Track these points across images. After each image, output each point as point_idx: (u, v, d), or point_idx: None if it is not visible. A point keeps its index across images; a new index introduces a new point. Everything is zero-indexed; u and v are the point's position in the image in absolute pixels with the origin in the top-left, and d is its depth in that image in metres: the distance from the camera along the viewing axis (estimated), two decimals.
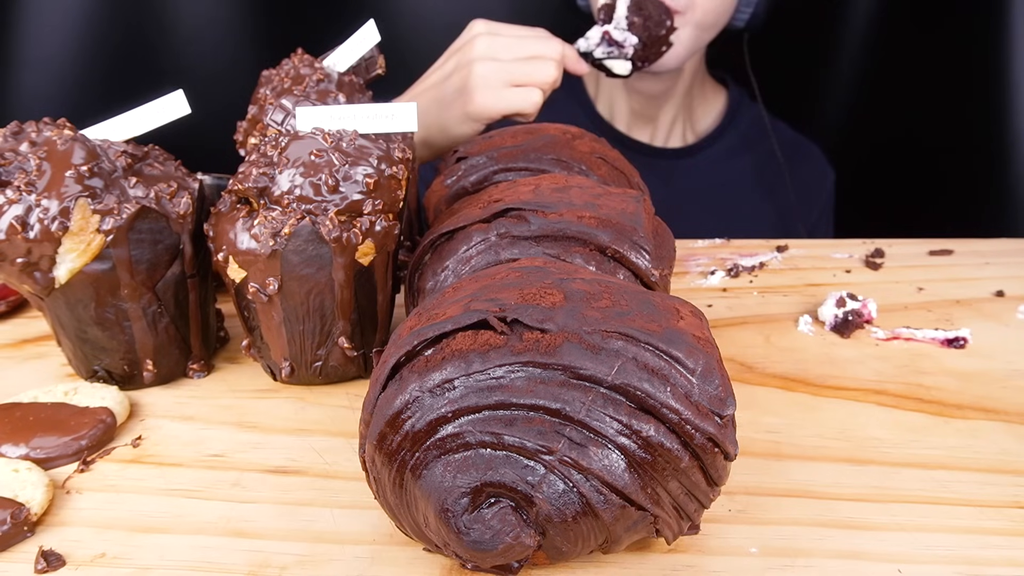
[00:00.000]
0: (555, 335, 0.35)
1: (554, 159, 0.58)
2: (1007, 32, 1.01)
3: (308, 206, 0.49)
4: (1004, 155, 1.04)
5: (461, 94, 0.75)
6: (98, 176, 0.50)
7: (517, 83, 0.75)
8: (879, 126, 1.24)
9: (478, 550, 0.35)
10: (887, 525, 0.43)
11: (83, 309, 0.52)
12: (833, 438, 0.51)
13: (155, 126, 0.54)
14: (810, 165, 1.10)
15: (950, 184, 1.15)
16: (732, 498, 0.45)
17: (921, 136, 1.18)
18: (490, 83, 0.74)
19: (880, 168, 1.25)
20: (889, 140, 1.23)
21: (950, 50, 1.12)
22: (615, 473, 0.34)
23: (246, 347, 0.57)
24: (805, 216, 1.06)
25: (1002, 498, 0.45)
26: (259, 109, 0.57)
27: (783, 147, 1.03)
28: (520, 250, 0.48)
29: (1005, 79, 1.02)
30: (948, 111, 1.13)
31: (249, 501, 0.45)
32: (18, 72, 1.04)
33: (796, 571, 0.40)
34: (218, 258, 0.52)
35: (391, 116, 0.52)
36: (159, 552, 0.41)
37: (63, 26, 1.03)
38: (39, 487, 0.44)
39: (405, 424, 0.35)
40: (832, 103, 1.27)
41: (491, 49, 0.75)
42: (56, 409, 0.50)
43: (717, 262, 0.79)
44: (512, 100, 0.75)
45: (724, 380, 0.35)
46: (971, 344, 0.63)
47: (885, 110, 1.23)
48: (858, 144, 1.25)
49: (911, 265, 0.79)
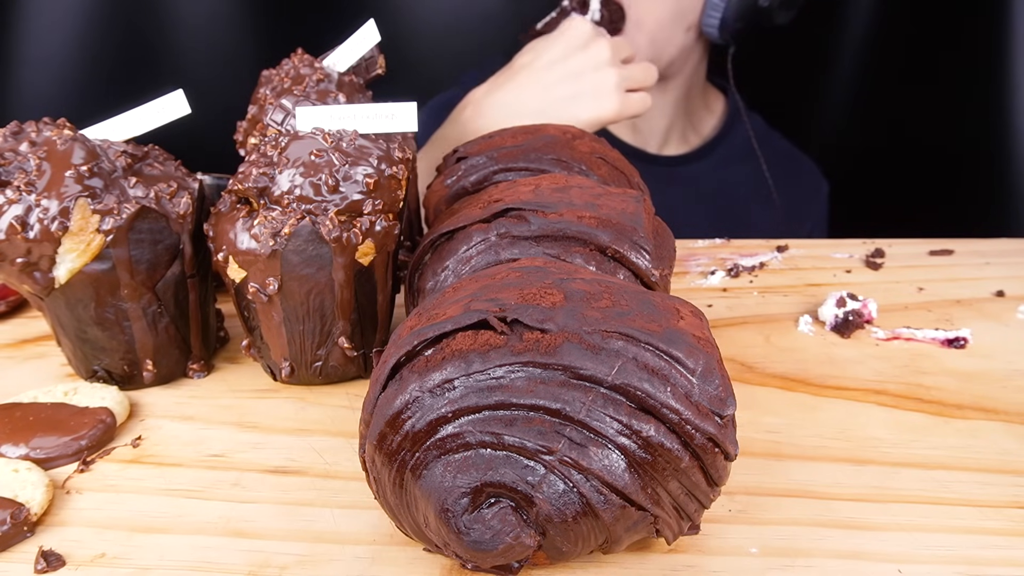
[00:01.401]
0: (555, 335, 0.35)
1: (554, 159, 0.58)
2: (1007, 32, 1.01)
3: (308, 206, 0.49)
4: (1004, 155, 1.04)
5: (593, 98, 0.76)
6: (98, 176, 0.50)
7: (633, 88, 0.78)
8: (879, 126, 1.24)
9: (478, 550, 0.35)
10: (887, 525, 0.43)
11: (83, 309, 0.52)
12: (833, 438, 0.51)
13: (155, 126, 0.54)
14: (805, 178, 1.10)
15: (950, 184, 1.15)
16: (732, 498, 0.45)
17: (921, 136, 1.18)
18: (620, 89, 0.77)
19: (880, 168, 1.25)
20: (889, 140, 1.23)
21: (950, 50, 1.12)
22: (615, 473, 0.34)
23: (246, 347, 0.57)
24: (798, 228, 1.07)
25: (1002, 498, 0.45)
26: (259, 109, 0.57)
27: (778, 158, 1.03)
28: (520, 250, 0.48)
29: (1005, 79, 1.02)
30: (948, 111, 1.13)
31: (249, 501, 0.45)
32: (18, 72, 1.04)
33: (796, 571, 0.40)
34: (218, 258, 0.52)
35: (391, 116, 0.52)
36: (159, 552, 0.41)
37: (63, 25, 1.03)
38: (39, 487, 0.44)
39: (405, 424, 0.35)
40: (832, 103, 1.27)
41: (614, 55, 0.78)
42: (56, 409, 0.50)
43: (717, 262, 0.79)
44: (634, 105, 0.78)
45: (724, 380, 0.35)
46: (971, 344, 0.63)
47: (885, 110, 1.23)
48: (858, 144, 1.25)
49: (911, 265, 0.79)
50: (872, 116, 1.24)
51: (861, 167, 1.25)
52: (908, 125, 1.19)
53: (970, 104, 1.09)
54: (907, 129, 1.20)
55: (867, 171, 1.25)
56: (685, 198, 1.04)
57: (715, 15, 0.94)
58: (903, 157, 1.21)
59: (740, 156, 1.07)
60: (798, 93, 1.21)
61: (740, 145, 1.08)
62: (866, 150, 1.25)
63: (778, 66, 1.18)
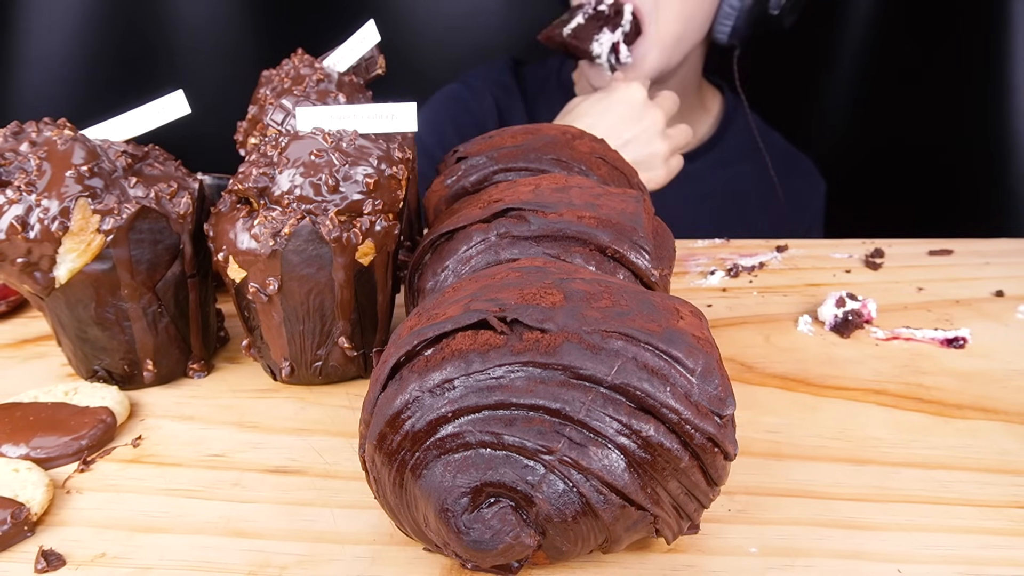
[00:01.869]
0: (555, 335, 0.35)
1: (554, 159, 0.58)
2: (1007, 32, 1.01)
3: (308, 206, 0.49)
4: (1004, 155, 1.04)
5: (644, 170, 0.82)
6: (98, 176, 0.50)
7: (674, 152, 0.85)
8: (879, 126, 1.24)
9: (478, 550, 0.35)
10: (887, 525, 0.43)
11: (83, 309, 0.52)
12: (833, 438, 0.51)
13: (155, 126, 0.54)
14: (803, 177, 1.11)
15: (950, 184, 1.15)
16: (732, 498, 0.45)
17: (921, 136, 1.18)
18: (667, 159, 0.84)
19: (880, 168, 1.25)
20: (889, 140, 1.23)
21: (950, 50, 1.12)
22: (615, 473, 0.34)
23: (246, 347, 0.57)
24: (795, 227, 1.07)
25: (1002, 498, 0.45)
26: (259, 109, 0.57)
27: (776, 158, 1.04)
28: (520, 250, 0.48)
29: (1005, 79, 1.02)
30: (948, 112, 1.13)
31: (249, 501, 0.45)
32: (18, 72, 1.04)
33: (796, 571, 0.40)
34: (218, 258, 0.52)
35: (391, 116, 0.52)
36: (159, 552, 0.41)
37: (63, 26, 1.03)
38: (39, 487, 0.44)
39: (405, 424, 0.35)
40: (832, 104, 1.27)
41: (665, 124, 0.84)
42: (56, 409, 0.50)
43: (717, 262, 0.79)
44: (676, 170, 0.86)
45: (724, 380, 0.35)
46: (971, 344, 0.63)
47: (885, 110, 1.23)
48: (858, 144, 1.25)
49: (911, 265, 0.79)
50: (872, 116, 1.24)
51: (861, 167, 1.25)
52: (908, 125, 1.19)
53: (969, 105, 1.09)
54: (907, 129, 1.20)
55: (867, 171, 1.25)
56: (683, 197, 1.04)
57: (727, 23, 0.96)
58: (903, 157, 1.21)
59: (738, 155, 1.07)
60: (798, 94, 1.21)
61: (737, 144, 1.07)
62: (866, 150, 1.25)
63: (778, 67, 1.18)
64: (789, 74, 1.22)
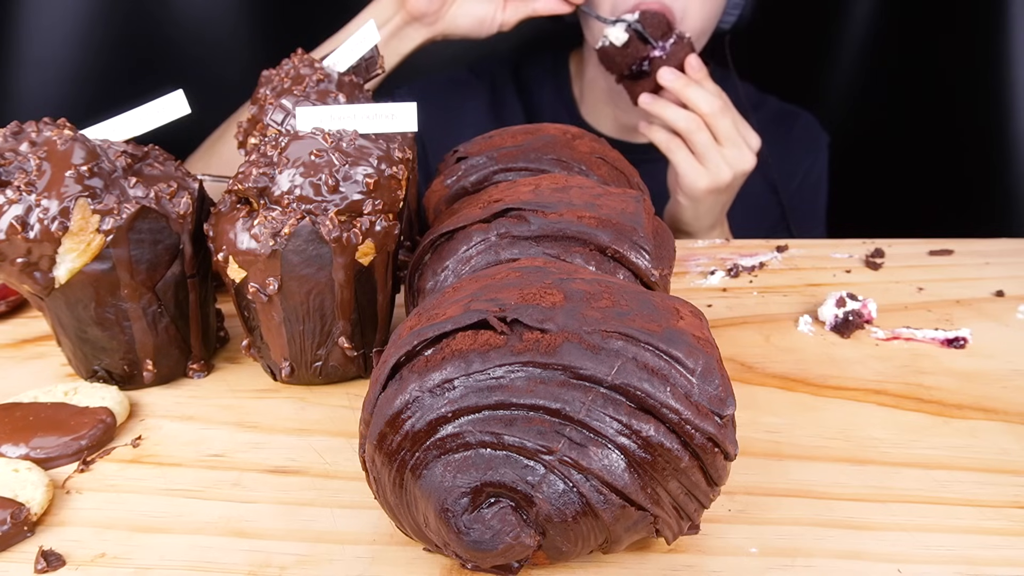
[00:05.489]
0: (555, 335, 0.35)
1: (554, 159, 0.58)
2: (1007, 32, 1.01)
3: (308, 206, 0.49)
4: (1004, 155, 1.04)
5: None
6: (98, 176, 0.50)
7: None
8: (879, 126, 1.24)
9: (478, 550, 0.35)
10: (887, 525, 0.43)
11: (83, 309, 0.52)
12: (833, 438, 0.51)
13: (155, 126, 0.54)
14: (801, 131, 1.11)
15: (950, 184, 1.15)
16: (732, 498, 0.45)
17: (921, 136, 1.18)
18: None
19: (880, 168, 1.25)
20: (889, 140, 1.23)
21: (950, 50, 1.12)
22: (615, 473, 0.34)
23: (246, 347, 0.57)
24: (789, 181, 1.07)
25: (1002, 498, 0.45)
26: (259, 109, 0.57)
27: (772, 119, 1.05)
28: (520, 250, 0.48)
29: (1005, 78, 1.02)
30: (948, 111, 1.13)
31: (249, 501, 0.45)
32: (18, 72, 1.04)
33: (796, 571, 0.40)
34: (218, 258, 0.52)
35: (391, 116, 0.52)
36: (159, 552, 0.41)
37: (63, 26, 1.03)
38: (39, 487, 0.44)
39: (405, 424, 0.35)
40: (831, 103, 1.27)
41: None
42: (56, 409, 0.50)
43: (717, 262, 0.79)
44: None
45: (724, 380, 0.35)
46: (971, 344, 0.63)
47: (885, 110, 1.23)
48: (858, 144, 1.25)
49: (911, 265, 0.79)
50: (872, 116, 1.24)
51: (861, 167, 1.25)
52: (908, 125, 1.19)
53: (970, 104, 1.09)
54: (907, 129, 1.20)
55: (867, 171, 1.25)
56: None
57: (734, 12, 0.98)
58: (903, 157, 1.21)
59: None
60: (798, 94, 1.21)
61: None
62: (866, 149, 1.25)
63: (778, 67, 1.18)
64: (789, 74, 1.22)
